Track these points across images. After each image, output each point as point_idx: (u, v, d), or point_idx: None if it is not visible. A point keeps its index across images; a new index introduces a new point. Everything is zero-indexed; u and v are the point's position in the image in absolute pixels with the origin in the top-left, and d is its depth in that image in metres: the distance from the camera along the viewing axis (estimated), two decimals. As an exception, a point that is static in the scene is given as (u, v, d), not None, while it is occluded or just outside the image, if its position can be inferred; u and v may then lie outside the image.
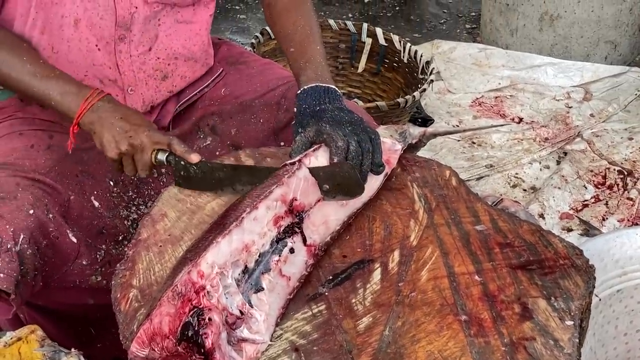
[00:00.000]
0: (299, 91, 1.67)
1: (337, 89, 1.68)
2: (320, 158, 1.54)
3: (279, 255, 1.41)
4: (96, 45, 1.73)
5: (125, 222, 1.77)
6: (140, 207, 1.79)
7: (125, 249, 1.71)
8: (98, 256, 1.69)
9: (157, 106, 1.90)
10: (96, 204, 1.73)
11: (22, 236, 1.50)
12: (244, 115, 1.92)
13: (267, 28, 3.26)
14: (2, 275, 1.44)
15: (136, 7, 1.72)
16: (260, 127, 1.91)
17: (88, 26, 1.70)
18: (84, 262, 1.66)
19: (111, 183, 1.76)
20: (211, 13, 1.89)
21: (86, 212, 1.71)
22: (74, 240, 1.64)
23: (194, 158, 1.57)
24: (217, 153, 1.86)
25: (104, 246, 1.72)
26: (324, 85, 1.66)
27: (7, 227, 1.49)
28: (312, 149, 1.56)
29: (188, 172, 1.58)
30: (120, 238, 1.75)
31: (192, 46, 1.87)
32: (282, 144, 1.91)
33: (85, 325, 1.84)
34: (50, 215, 1.59)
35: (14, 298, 1.47)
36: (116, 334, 1.39)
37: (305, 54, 1.77)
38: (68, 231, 1.63)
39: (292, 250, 1.43)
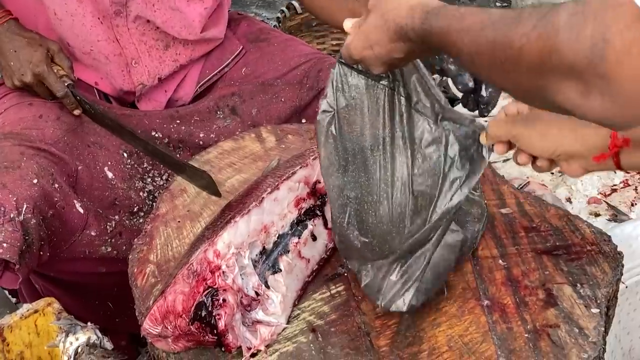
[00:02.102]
0: None
1: None
2: None
3: (299, 238, 1.38)
4: (99, 18, 1.72)
5: (141, 193, 1.76)
6: (156, 179, 1.79)
7: (141, 220, 1.71)
8: (108, 227, 1.69)
9: (170, 82, 1.88)
10: (109, 175, 1.72)
11: (25, 206, 1.49)
12: (265, 95, 1.89)
13: (294, 2, 3.22)
14: (5, 245, 1.43)
15: None
16: (282, 106, 1.88)
17: None
18: (93, 233, 1.65)
19: (125, 155, 1.75)
20: (206, 7, 1.84)
21: (97, 183, 1.70)
22: (81, 210, 1.63)
23: (75, 113, 1.69)
24: (238, 133, 1.83)
25: (116, 217, 1.71)
26: None
27: (10, 196, 1.48)
28: None
29: (84, 106, 1.70)
30: (136, 209, 1.75)
31: (188, 35, 1.84)
32: (303, 121, 1.88)
33: (103, 299, 1.84)
34: (56, 185, 1.58)
35: (19, 268, 1.46)
36: (133, 309, 1.38)
37: None
38: (75, 201, 1.62)
39: (313, 235, 1.41)
